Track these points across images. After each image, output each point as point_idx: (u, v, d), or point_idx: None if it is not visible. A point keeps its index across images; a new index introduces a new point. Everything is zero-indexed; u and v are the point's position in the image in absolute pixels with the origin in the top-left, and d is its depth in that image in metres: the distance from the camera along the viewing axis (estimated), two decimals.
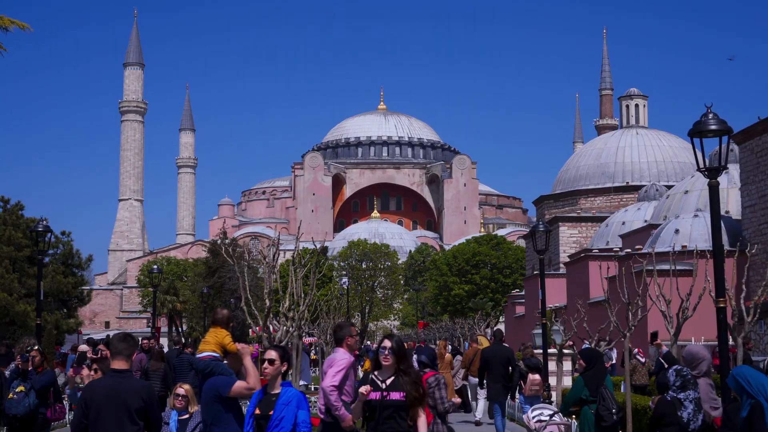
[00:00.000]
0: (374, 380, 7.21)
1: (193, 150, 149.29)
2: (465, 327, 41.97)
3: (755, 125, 32.29)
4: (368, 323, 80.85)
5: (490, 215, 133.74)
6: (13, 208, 39.93)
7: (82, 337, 40.59)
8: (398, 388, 7.08)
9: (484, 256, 73.94)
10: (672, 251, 19.50)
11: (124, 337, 7.04)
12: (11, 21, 22.15)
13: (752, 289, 24.64)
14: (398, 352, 7.17)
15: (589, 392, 9.87)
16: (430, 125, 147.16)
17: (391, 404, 7.05)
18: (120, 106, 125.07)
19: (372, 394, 7.12)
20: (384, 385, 7.13)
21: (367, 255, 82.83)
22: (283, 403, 6.93)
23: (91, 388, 6.93)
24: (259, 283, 43.92)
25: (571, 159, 64.30)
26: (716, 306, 10.74)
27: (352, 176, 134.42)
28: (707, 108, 10.71)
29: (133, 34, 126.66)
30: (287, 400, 6.94)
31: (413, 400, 7.04)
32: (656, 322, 22.15)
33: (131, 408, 6.66)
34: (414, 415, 7.03)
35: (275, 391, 7.04)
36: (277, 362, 7.07)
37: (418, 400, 7.05)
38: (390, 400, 7.05)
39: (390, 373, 7.17)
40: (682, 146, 57.55)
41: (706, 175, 10.66)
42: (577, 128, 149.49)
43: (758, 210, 32.19)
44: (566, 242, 52.50)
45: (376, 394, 7.11)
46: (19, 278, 37.26)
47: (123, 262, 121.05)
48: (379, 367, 7.25)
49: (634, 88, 63.41)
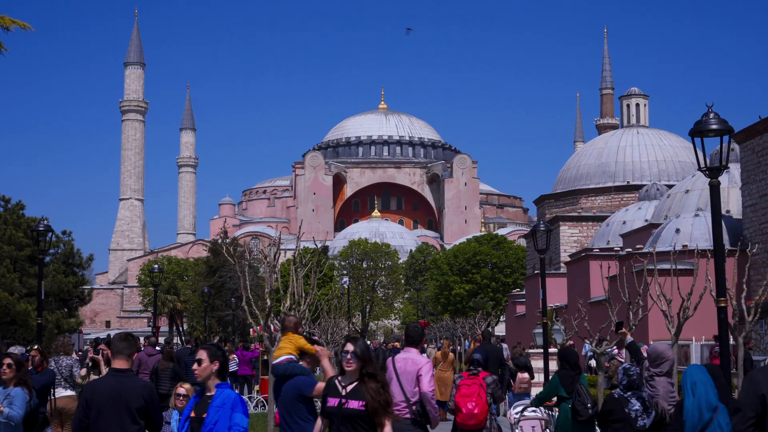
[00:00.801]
0: (335, 385, 6.78)
1: (194, 149, 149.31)
2: (466, 326, 41.94)
3: (756, 124, 32.28)
4: (369, 323, 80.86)
5: (490, 215, 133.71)
6: (13, 208, 39.97)
7: (82, 337, 40.59)
8: (359, 396, 6.58)
9: (485, 255, 73.93)
10: (673, 251, 19.46)
11: (125, 337, 7.05)
12: (12, 21, 22.15)
13: (753, 288, 24.63)
14: (362, 357, 6.66)
15: (564, 390, 10.21)
16: (431, 124, 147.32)
17: (349, 413, 6.57)
18: (121, 105, 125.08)
19: (331, 401, 6.72)
20: (344, 391, 6.67)
21: (367, 254, 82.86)
22: (217, 406, 6.48)
23: (92, 387, 6.94)
24: (259, 282, 43.92)
25: (571, 158, 64.28)
26: (717, 306, 10.75)
27: (352, 176, 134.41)
28: (708, 107, 10.71)
29: (134, 34, 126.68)
30: (221, 403, 6.49)
31: (375, 409, 6.50)
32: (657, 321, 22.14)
33: (132, 407, 6.68)
34: (380, 423, 6.49)
35: (210, 393, 6.61)
36: (206, 362, 6.62)
37: (382, 407, 6.50)
38: (347, 408, 6.59)
39: (353, 379, 6.69)
40: (683, 146, 57.53)
41: (707, 174, 10.66)
42: (578, 127, 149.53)
43: (759, 209, 32.18)
44: (567, 242, 52.48)
45: (334, 401, 6.69)
46: (20, 278, 37.29)
47: (124, 261, 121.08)
48: (343, 372, 6.79)
49: (634, 88, 63.38)
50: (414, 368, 8.49)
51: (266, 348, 14.20)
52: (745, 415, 5.50)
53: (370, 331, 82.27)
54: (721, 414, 6.32)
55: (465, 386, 9.98)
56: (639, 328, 22.19)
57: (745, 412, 5.52)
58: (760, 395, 5.47)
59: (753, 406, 5.48)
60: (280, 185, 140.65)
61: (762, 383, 5.51)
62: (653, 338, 26.22)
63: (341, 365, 6.80)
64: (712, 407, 6.35)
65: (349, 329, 60.57)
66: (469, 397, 9.82)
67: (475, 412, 9.75)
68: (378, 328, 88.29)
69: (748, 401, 5.52)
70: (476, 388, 9.90)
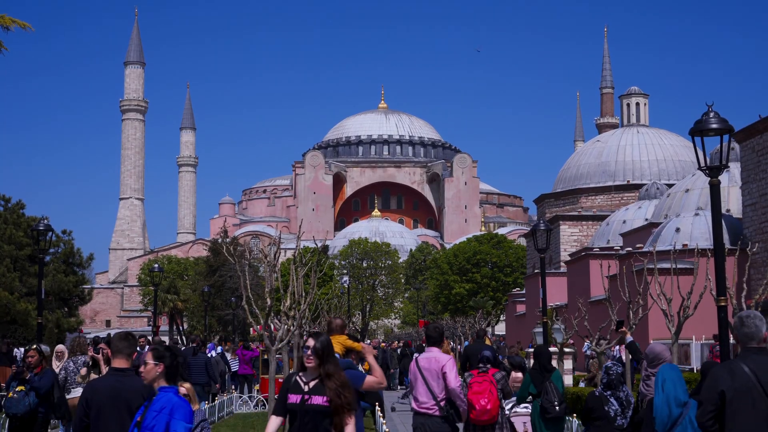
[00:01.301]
0: (297, 382, 6.64)
1: (194, 149, 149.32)
2: (466, 326, 42.02)
3: (756, 124, 32.28)
4: (369, 322, 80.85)
5: (490, 214, 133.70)
6: (14, 207, 39.99)
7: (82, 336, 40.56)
8: (321, 392, 6.47)
9: (485, 254, 73.92)
10: (673, 250, 19.48)
11: (125, 336, 7.04)
12: (12, 20, 22.15)
13: (753, 287, 24.64)
14: (322, 353, 6.54)
15: (535, 387, 10.70)
16: (431, 124, 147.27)
17: (312, 409, 6.44)
18: (121, 104, 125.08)
19: (292, 397, 6.58)
20: (307, 387, 6.55)
21: (367, 254, 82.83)
22: (155, 410, 6.12)
23: (92, 386, 6.94)
24: (260, 281, 43.90)
25: (571, 157, 64.26)
26: (717, 305, 10.74)
27: (352, 175, 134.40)
28: (708, 107, 10.70)
29: (134, 33, 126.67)
30: (160, 407, 6.12)
31: (337, 407, 6.39)
32: (657, 320, 22.15)
33: (132, 406, 6.63)
34: (339, 423, 6.39)
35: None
36: (150, 364, 6.32)
37: (342, 407, 6.39)
38: (311, 404, 6.46)
39: (314, 375, 6.58)
40: (683, 145, 57.51)
41: (707, 173, 10.66)
42: (578, 127, 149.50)
43: (759, 208, 32.18)
44: (567, 241, 52.48)
45: (296, 397, 6.55)
46: (20, 277, 37.31)
47: (124, 260, 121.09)
48: (304, 368, 6.68)
49: (634, 87, 63.38)
50: (437, 366, 8.93)
51: (266, 347, 14.20)
52: (705, 408, 5.90)
53: (371, 331, 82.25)
54: (691, 409, 6.62)
55: (476, 384, 10.34)
56: (639, 327, 22.17)
57: (705, 406, 5.90)
58: (720, 391, 5.87)
59: (713, 400, 5.88)
60: (280, 184, 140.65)
61: (721, 380, 5.91)
62: (653, 337, 26.23)
63: (301, 361, 6.73)
64: (681, 403, 6.74)
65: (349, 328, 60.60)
66: (481, 394, 10.19)
67: (488, 408, 10.16)
68: (378, 327, 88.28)
69: (708, 396, 5.92)
70: (487, 385, 10.32)
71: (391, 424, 18.09)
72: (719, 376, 5.95)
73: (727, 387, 5.83)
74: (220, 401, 19.84)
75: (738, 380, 5.83)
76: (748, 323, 6.02)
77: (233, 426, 18.20)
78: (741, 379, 5.84)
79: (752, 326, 6.01)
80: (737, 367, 5.90)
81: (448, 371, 8.88)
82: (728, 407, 5.83)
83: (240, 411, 21.44)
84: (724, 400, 5.84)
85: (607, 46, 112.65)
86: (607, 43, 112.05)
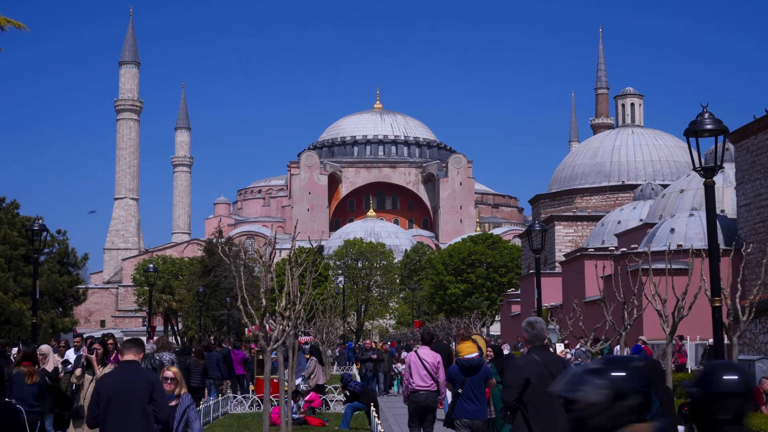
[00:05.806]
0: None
1: (189, 149, 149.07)
2: (461, 326, 41.93)
3: (751, 124, 32.34)
4: (364, 322, 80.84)
5: (485, 214, 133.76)
6: (8, 207, 39.88)
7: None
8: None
9: (480, 255, 73.94)
10: (668, 250, 19.51)
11: (134, 341, 8.00)
12: (7, 20, 22.11)
13: (748, 288, 24.63)
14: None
15: (497, 375, 12.35)
16: (426, 124, 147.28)
17: None
18: (115, 104, 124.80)
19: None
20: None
21: (362, 254, 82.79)
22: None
23: (102, 378, 7.81)
24: (255, 282, 43.89)
25: (566, 158, 64.33)
26: (712, 305, 10.77)
27: (348, 175, 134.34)
28: (703, 107, 10.73)
29: (129, 33, 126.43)
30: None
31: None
32: (652, 321, 22.18)
33: (140, 396, 7.33)
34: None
35: None
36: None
37: None
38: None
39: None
40: (678, 145, 57.59)
41: (702, 174, 10.68)
42: (573, 127, 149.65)
43: (753, 209, 32.23)
44: (562, 241, 52.54)
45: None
46: (15, 277, 37.22)
47: (118, 260, 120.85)
48: None
49: (629, 87, 63.45)
50: (434, 359, 12.49)
51: (261, 348, 14.19)
52: (512, 391, 7.54)
53: (365, 331, 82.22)
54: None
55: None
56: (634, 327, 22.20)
57: (512, 389, 7.55)
58: (525, 378, 7.47)
59: (518, 386, 7.50)
60: (275, 185, 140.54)
61: (525, 368, 7.53)
62: (648, 338, 26.26)
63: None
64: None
65: (344, 328, 60.54)
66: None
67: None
68: (373, 327, 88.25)
69: (515, 382, 7.54)
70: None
71: (386, 425, 18.08)
72: (523, 365, 7.59)
73: (531, 374, 7.41)
74: (215, 401, 19.84)
75: (536, 369, 7.43)
76: (537, 327, 7.70)
77: (228, 426, 18.17)
78: (538, 368, 7.43)
79: (540, 329, 7.70)
80: (532, 359, 7.53)
81: (441, 367, 12.47)
82: (530, 390, 7.40)
83: (235, 411, 21.41)
84: (527, 386, 7.41)
85: (602, 46, 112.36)
86: (602, 43, 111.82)
